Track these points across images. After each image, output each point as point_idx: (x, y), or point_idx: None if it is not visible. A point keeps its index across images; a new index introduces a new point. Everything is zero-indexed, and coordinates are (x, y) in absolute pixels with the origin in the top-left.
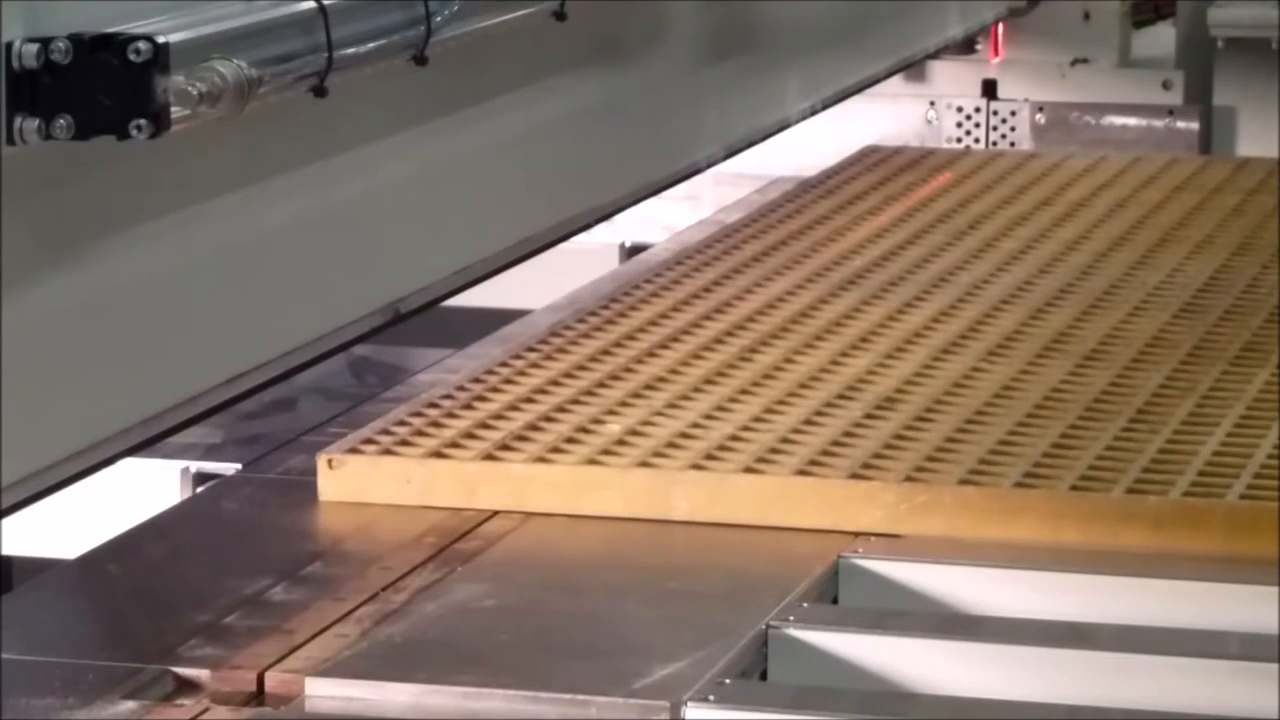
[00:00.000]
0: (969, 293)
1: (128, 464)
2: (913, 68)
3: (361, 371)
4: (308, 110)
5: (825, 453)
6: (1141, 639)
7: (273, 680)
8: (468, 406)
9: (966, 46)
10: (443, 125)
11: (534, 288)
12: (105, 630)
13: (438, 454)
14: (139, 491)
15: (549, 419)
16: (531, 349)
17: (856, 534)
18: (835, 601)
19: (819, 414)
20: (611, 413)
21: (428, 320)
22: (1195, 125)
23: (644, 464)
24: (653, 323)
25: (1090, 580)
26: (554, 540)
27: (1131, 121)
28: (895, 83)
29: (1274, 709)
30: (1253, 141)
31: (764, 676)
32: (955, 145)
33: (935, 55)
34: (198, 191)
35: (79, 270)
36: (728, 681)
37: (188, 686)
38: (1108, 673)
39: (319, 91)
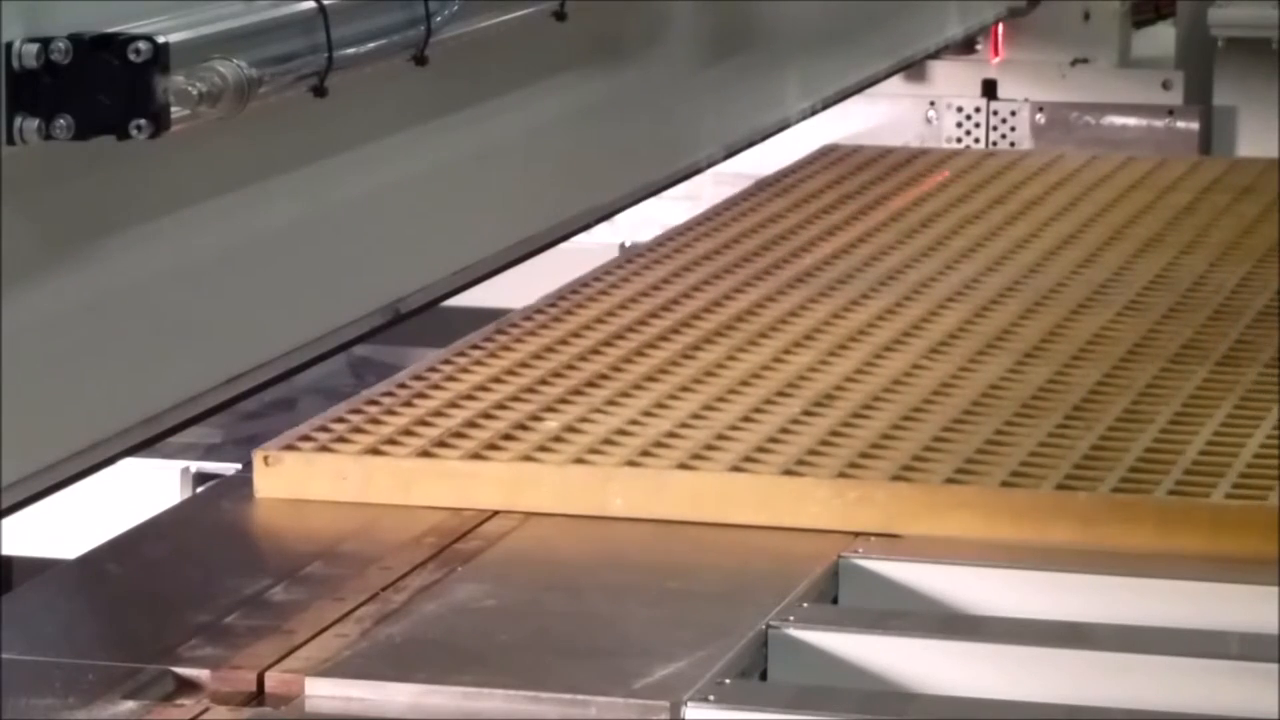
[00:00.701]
0: (914, 291)
1: (128, 464)
2: (913, 68)
3: (361, 371)
4: (308, 110)
5: (761, 449)
6: (1141, 639)
7: (273, 680)
8: (408, 404)
9: (966, 46)
10: (442, 125)
11: (534, 288)
12: (105, 630)
13: (374, 451)
14: (139, 491)
15: (488, 416)
16: (475, 346)
17: (793, 530)
18: (835, 601)
19: (758, 411)
20: (551, 409)
21: (428, 320)
22: (1195, 125)
23: (580, 460)
24: (598, 320)
25: (1090, 580)
26: (554, 540)
27: (1131, 122)
28: (895, 83)
29: (1274, 709)
30: (1253, 141)
31: (764, 676)
32: (955, 145)
33: (935, 55)
34: (197, 191)
35: (79, 270)
36: (728, 681)
37: (188, 686)
38: (1108, 673)
39: (319, 91)
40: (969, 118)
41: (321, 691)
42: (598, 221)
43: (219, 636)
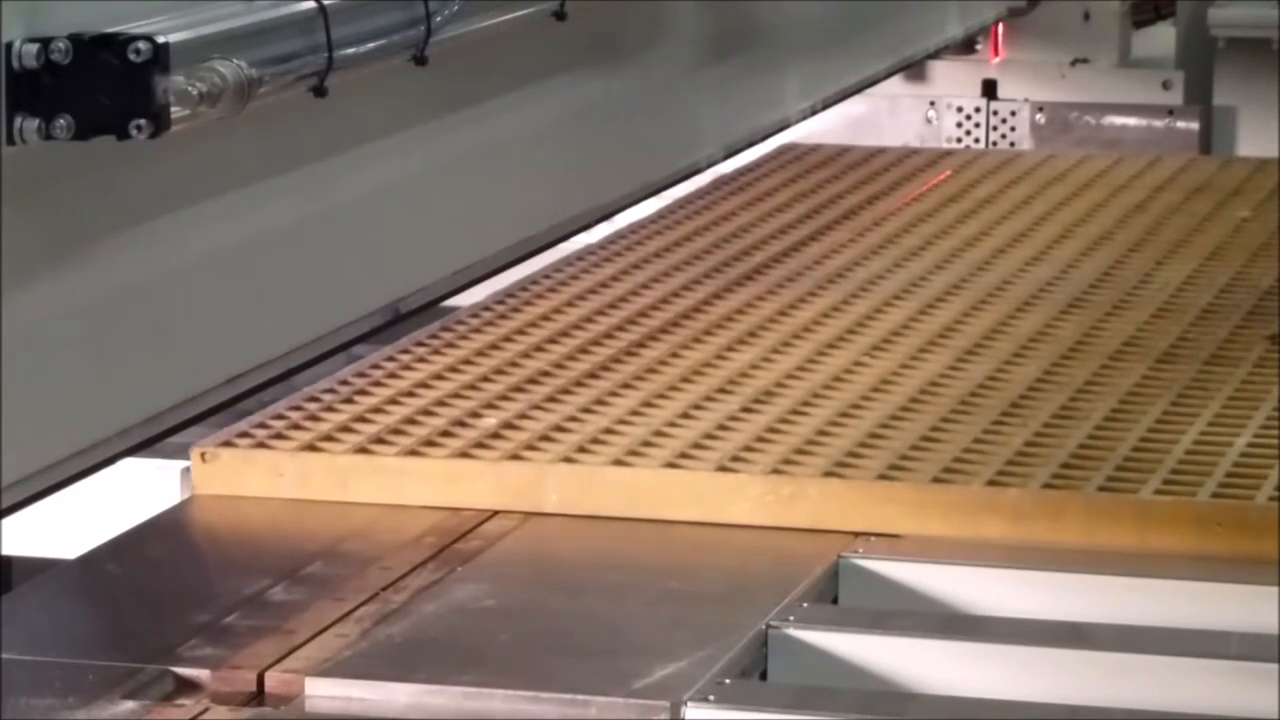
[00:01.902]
0: (860, 289)
1: (128, 464)
2: (913, 68)
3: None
4: (308, 110)
5: (698, 445)
6: (1141, 639)
7: (273, 680)
8: (348, 400)
9: (966, 46)
10: (442, 124)
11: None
12: (105, 630)
13: (311, 447)
14: (139, 491)
15: (427, 413)
16: (420, 343)
17: (726, 525)
18: (835, 601)
19: (697, 407)
20: (491, 406)
21: (427, 320)
22: (1195, 125)
23: (515, 457)
24: (544, 317)
25: (1090, 580)
26: (554, 540)
27: (1131, 121)
28: (895, 83)
29: (1274, 709)
30: (1253, 141)
31: (764, 676)
32: (955, 145)
33: (935, 55)
34: (197, 191)
35: (77, 269)
36: (728, 681)
37: (188, 686)
38: (1108, 673)
39: (319, 91)
40: (969, 118)
41: (321, 691)
42: (597, 221)
43: (219, 636)
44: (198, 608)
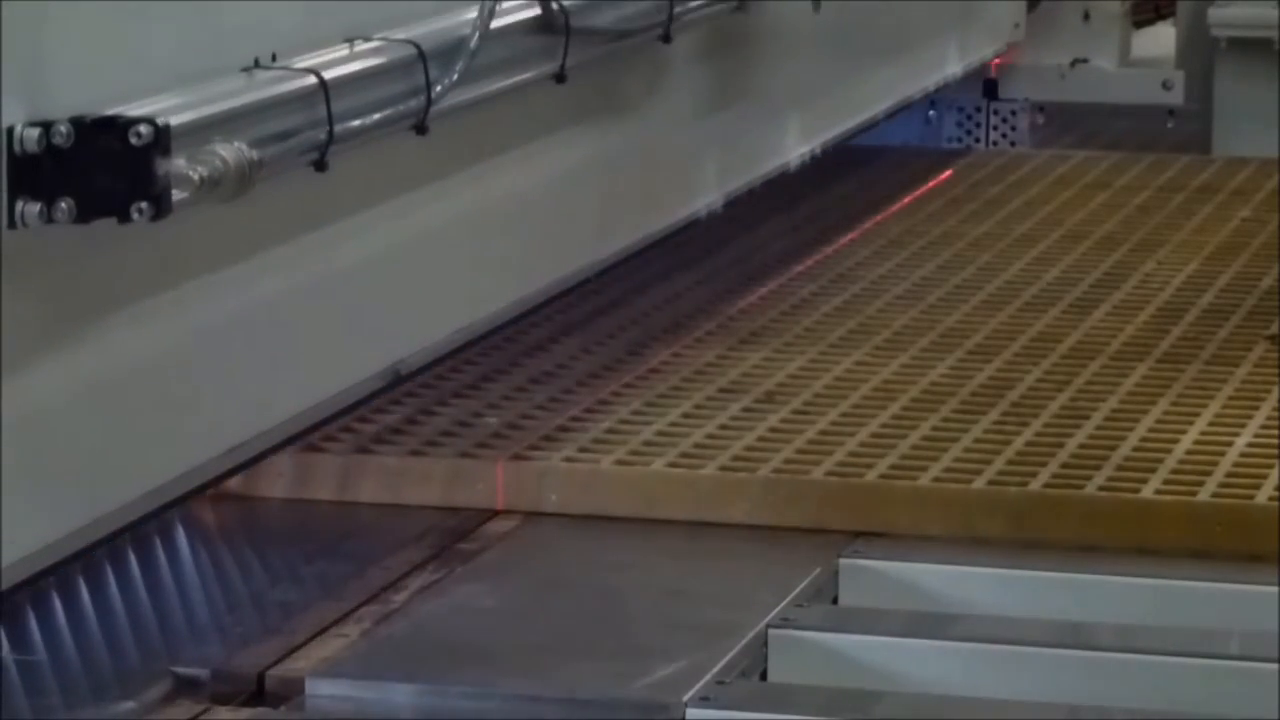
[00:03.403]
0: (862, 289)
1: None
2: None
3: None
4: (307, 180)
5: (698, 446)
6: (1141, 639)
7: (273, 680)
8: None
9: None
10: (441, 187)
11: None
12: (105, 630)
13: (312, 448)
14: None
15: (427, 412)
16: None
17: (726, 525)
18: (835, 601)
19: (697, 408)
20: (492, 407)
21: None
22: (1195, 126)
23: (516, 457)
24: (546, 318)
25: (1089, 580)
26: (554, 540)
27: (1131, 122)
28: None
29: (1274, 709)
30: (1253, 141)
31: (764, 676)
32: (955, 145)
33: (936, 93)
34: (197, 266)
35: (78, 348)
36: (728, 681)
37: (188, 686)
38: (1107, 673)
39: (319, 166)
40: (969, 117)
41: (321, 691)
42: (598, 276)
43: (219, 636)
44: (198, 607)
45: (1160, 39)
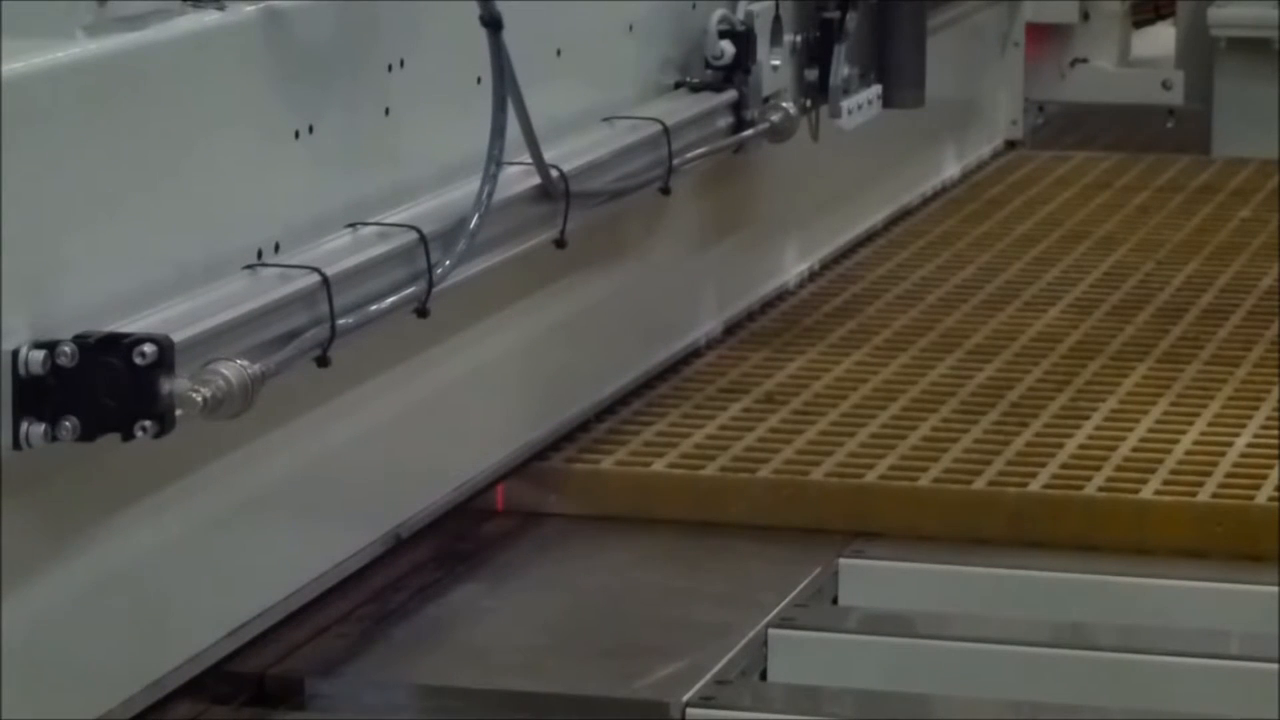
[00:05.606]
0: (862, 290)
1: None
2: None
3: None
4: (305, 367)
5: (699, 446)
6: (1141, 639)
7: (273, 680)
8: None
9: None
10: (440, 352)
11: None
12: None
13: None
14: None
15: None
16: None
17: (726, 525)
18: (835, 601)
19: (697, 409)
20: None
21: None
22: (1195, 126)
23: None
24: None
25: (1089, 581)
26: (554, 540)
27: (1131, 122)
28: None
29: (1274, 709)
30: (1253, 141)
31: (764, 676)
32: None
33: (933, 199)
34: (196, 458)
35: (79, 555)
36: (728, 681)
37: (188, 686)
38: (1107, 673)
39: (322, 362)
40: None
41: (321, 691)
42: (598, 419)
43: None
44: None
45: (1160, 39)
